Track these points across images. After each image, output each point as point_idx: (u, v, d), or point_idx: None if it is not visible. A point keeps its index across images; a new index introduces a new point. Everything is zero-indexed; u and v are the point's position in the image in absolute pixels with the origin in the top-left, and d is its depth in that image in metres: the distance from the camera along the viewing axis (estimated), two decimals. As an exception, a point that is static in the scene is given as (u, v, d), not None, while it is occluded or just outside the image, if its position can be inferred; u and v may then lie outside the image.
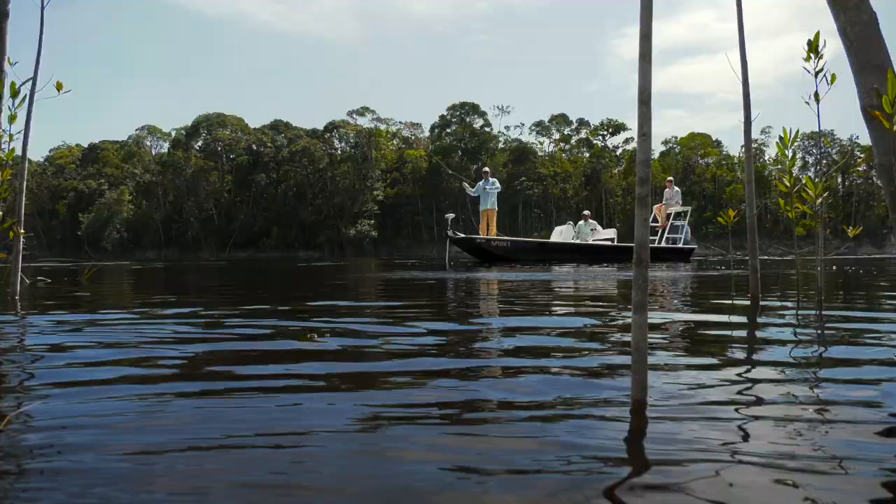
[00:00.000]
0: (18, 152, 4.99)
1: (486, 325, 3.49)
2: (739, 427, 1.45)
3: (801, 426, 1.45)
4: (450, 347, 2.64)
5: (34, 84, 4.70)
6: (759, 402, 1.68)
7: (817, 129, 4.82)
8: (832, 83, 4.19)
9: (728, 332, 3.13)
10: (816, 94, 4.33)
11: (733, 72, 4.89)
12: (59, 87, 4.44)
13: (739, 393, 1.79)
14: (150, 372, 2.11)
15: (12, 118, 4.52)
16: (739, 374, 2.05)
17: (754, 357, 2.44)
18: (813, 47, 4.24)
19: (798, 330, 3.13)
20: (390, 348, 2.58)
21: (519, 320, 3.66)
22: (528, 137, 76.97)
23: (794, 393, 1.79)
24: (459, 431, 1.44)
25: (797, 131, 4.48)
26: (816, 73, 4.25)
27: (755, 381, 1.94)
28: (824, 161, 52.20)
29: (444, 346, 2.68)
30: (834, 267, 12.07)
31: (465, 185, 17.60)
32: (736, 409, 1.60)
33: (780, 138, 4.55)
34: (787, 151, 4.54)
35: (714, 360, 2.31)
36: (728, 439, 1.36)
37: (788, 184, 4.56)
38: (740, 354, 2.51)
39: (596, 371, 2.06)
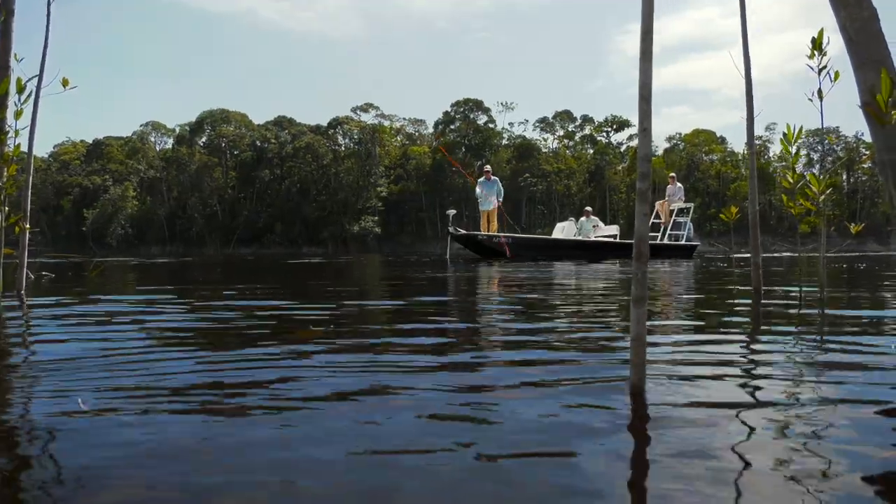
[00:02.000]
0: (24, 148, 5.01)
1: (493, 319, 3.51)
2: (736, 408, 1.46)
3: (801, 408, 1.47)
4: (460, 338, 2.66)
5: (40, 80, 4.72)
6: (760, 383, 1.70)
7: (821, 126, 4.83)
8: (836, 80, 4.18)
9: (729, 317, 3.15)
10: (820, 92, 4.33)
11: (736, 69, 4.90)
12: (65, 83, 4.45)
13: (738, 373, 1.80)
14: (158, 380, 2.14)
15: (18, 114, 4.54)
16: (739, 355, 2.08)
17: (755, 346, 2.46)
18: (817, 44, 4.22)
19: (800, 313, 3.15)
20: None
21: (520, 314, 3.68)
22: (532, 134, 76.99)
23: (796, 372, 1.81)
24: (462, 414, 1.46)
25: (800, 128, 4.48)
26: (820, 71, 4.24)
27: (756, 363, 1.96)
28: (829, 158, 52.00)
29: (452, 340, 2.71)
30: (844, 264, 12.04)
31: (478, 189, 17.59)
32: (734, 388, 1.62)
33: (784, 135, 4.55)
34: (790, 148, 4.54)
35: (714, 344, 2.33)
36: (725, 421, 1.37)
37: (792, 180, 4.56)
38: (741, 336, 2.53)
39: (595, 356, 2.08)
